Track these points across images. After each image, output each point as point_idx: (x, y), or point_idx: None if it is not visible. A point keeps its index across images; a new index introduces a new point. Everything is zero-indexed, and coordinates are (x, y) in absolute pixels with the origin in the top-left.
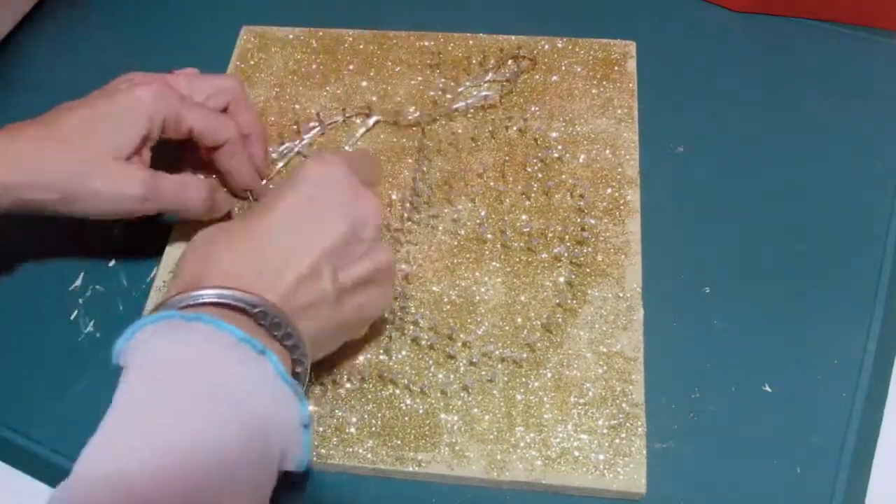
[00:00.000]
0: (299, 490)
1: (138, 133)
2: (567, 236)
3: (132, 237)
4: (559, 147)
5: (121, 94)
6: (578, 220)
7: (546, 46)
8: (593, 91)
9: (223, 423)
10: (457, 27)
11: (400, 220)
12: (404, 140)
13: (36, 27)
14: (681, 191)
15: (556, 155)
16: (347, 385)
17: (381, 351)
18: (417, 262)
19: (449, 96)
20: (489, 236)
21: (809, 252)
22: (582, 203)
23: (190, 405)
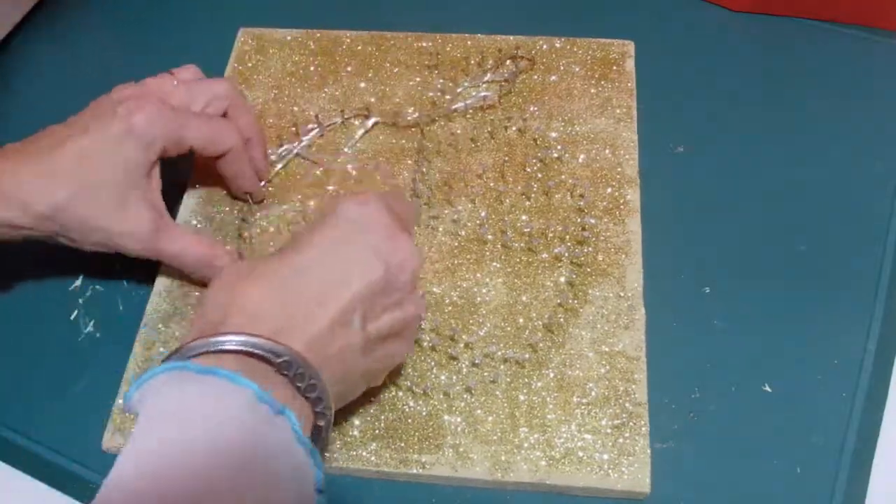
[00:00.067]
0: None
1: (139, 164)
2: (567, 236)
3: None
4: (558, 147)
5: (117, 121)
6: (579, 219)
7: (544, 46)
8: (592, 91)
9: (232, 486)
10: (455, 28)
11: None
12: (403, 141)
13: (35, 27)
14: (681, 191)
15: (556, 155)
16: None
17: None
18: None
19: (448, 97)
20: (489, 237)
21: (809, 252)
22: (582, 203)
23: (200, 463)
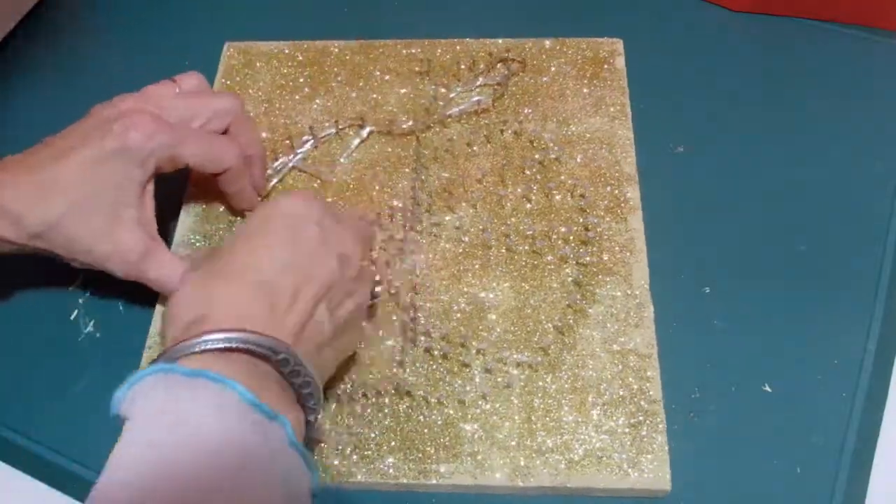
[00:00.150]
0: None
1: (133, 181)
2: (571, 237)
3: None
4: (555, 148)
5: (111, 137)
6: (581, 219)
7: (534, 48)
8: (584, 90)
9: (223, 490)
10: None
11: (402, 231)
12: (399, 150)
13: (31, 35)
14: (681, 191)
15: (554, 156)
16: (363, 401)
17: (395, 364)
18: (423, 272)
19: (441, 103)
20: (493, 242)
21: (809, 252)
22: (583, 202)
23: (190, 468)
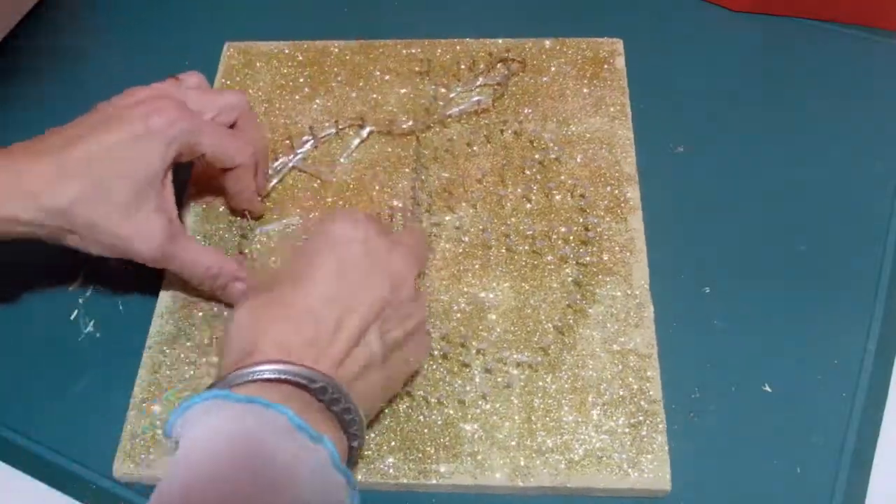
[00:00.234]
0: None
1: (156, 166)
2: (571, 237)
3: None
4: (555, 148)
5: (136, 121)
6: (581, 219)
7: (534, 48)
8: (584, 90)
9: None
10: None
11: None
12: (399, 150)
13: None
14: (681, 191)
15: (554, 156)
16: None
17: None
18: (424, 271)
19: (441, 103)
20: (493, 242)
21: (809, 252)
22: (583, 202)
23: (242, 488)
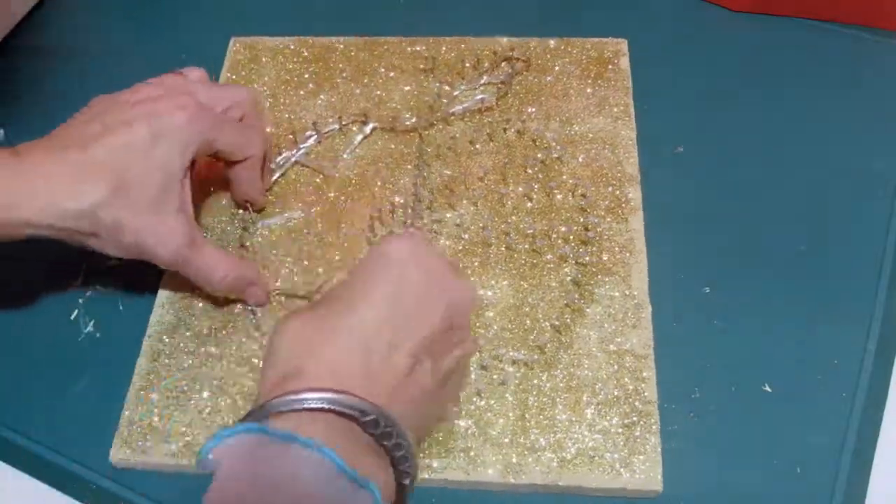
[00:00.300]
0: None
1: (176, 165)
2: (571, 236)
3: None
4: (558, 147)
5: (155, 119)
6: (581, 219)
7: (539, 48)
8: (588, 90)
9: None
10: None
11: (403, 227)
12: (402, 146)
13: (32, 31)
14: (680, 191)
15: (556, 155)
16: None
17: None
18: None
19: (444, 100)
20: (493, 239)
21: (809, 252)
22: (584, 202)
23: None
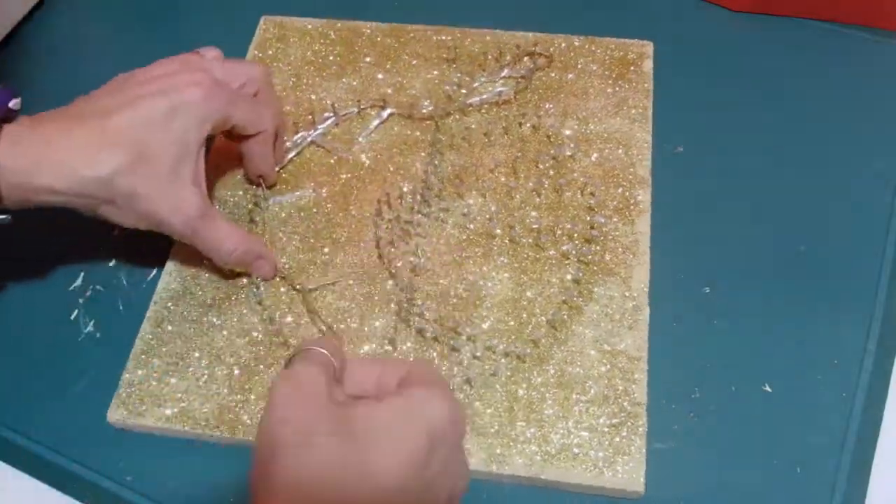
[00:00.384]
0: None
1: (193, 139)
2: (576, 234)
3: (132, 237)
4: (572, 145)
5: (174, 93)
6: (588, 218)
7: (563, 44)
8: (608, 90)
9: None
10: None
11: (410, 213)
12: (418, 133)
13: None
14: (680, 191)
15: (569, 153)
16: None
17: (386, 341)
18: (426, 254)
19: (464, 91)
20: (498, 232)
21: (809, 252)
22: (592, 201)
23: None
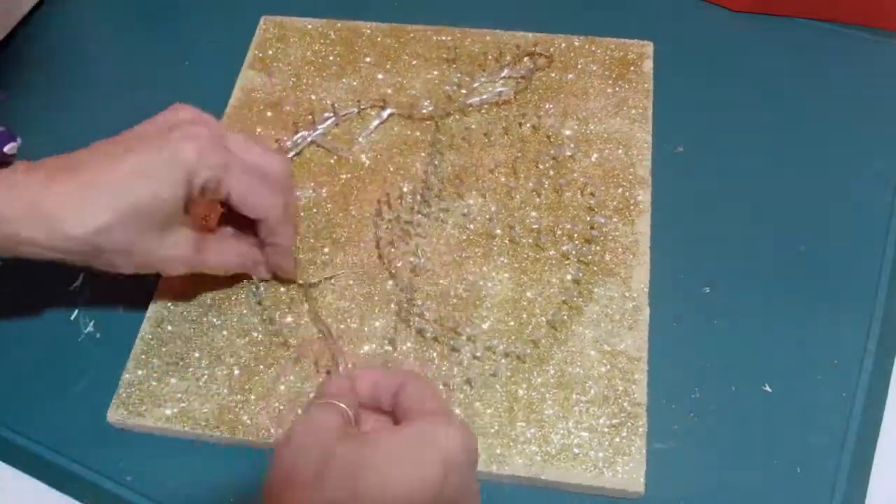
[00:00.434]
0: None
1: (177, 195)
2: (576, 234)
3: None
4: (571, 145)
5: (169, 145)
6: (588, 218)
7: (563, 44)
8: (608, 91)
9: None
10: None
11: (410, 213)
12: (418, 133)
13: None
14: (679, 191)
15: (569, 153)
16: None
17: (386, 342)
18: (426, 254)
19: (464, 91)
20: (498, 232)
21: (809, 252)
22: (592, 202)
23: None
